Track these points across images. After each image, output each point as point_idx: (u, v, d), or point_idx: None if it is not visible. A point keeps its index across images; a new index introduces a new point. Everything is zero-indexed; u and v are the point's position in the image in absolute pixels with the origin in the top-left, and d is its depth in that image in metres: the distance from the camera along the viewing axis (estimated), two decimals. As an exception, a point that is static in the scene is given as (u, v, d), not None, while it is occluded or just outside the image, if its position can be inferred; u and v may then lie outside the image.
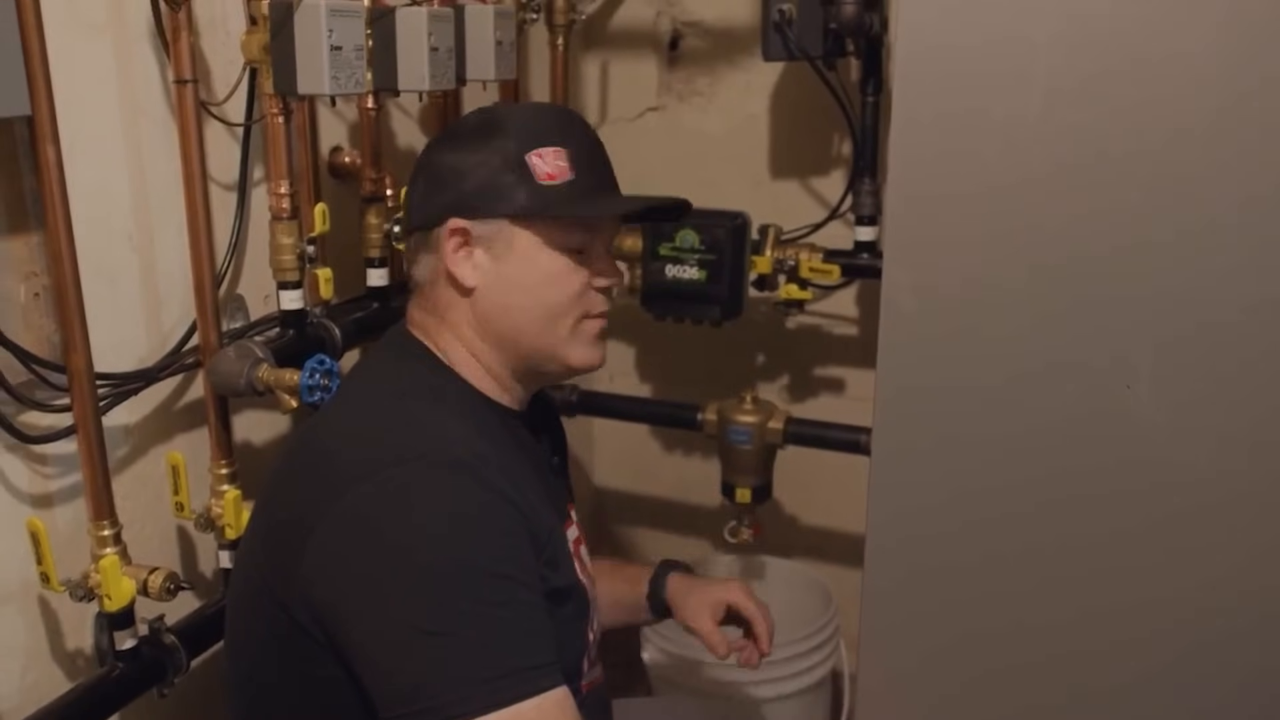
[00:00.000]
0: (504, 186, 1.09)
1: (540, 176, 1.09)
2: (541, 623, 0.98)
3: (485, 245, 1.10)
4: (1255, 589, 1.06)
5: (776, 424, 1.79)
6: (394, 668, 0.94)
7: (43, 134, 1.10)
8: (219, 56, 1.39)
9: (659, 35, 2.11)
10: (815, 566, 2.13)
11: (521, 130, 1.11)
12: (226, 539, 1.37)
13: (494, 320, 1.11)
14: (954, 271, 1.10)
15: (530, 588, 0.99)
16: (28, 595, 1.25)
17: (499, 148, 1.10)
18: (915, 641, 1.20)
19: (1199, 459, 1.05)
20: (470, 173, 1.10)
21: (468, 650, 0.93)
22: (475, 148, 1.11)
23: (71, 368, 1.18)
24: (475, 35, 1.53)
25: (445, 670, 0.92)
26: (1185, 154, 1.00)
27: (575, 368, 1.15)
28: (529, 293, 1.11)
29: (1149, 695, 1.12)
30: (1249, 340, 1.01)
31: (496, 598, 0.95)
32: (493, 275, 1.10)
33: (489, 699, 0.91)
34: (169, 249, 1.37)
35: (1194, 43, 0.97)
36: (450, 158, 1.12)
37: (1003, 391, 1.10)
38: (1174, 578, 1.08)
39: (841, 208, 1.90)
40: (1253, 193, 0.98)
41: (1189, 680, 1.10)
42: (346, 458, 1.02)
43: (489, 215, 1.09)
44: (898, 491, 1.17)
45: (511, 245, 1.09)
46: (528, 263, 1.10)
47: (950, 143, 1.07)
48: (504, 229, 1.09)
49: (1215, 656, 1.08)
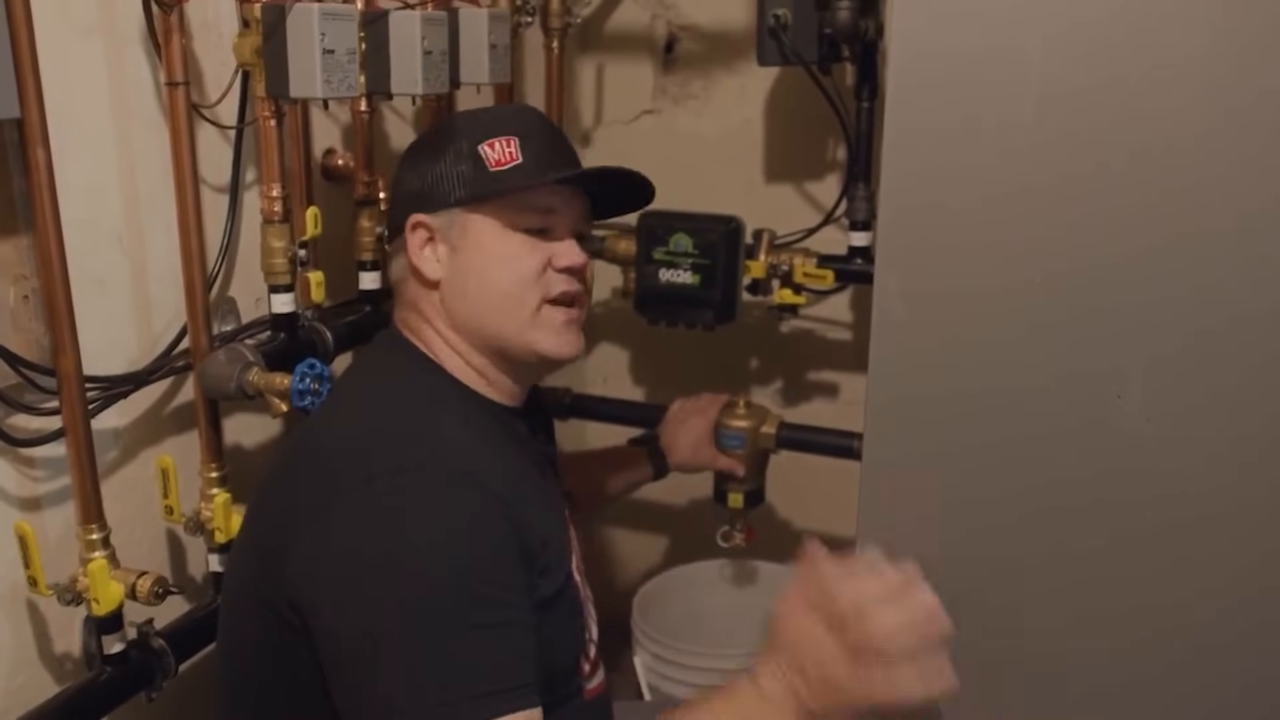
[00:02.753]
0: (455, 177, 1.13)
1: (491, 164, 1.12)
2: (522, 645, 0.96)
3: (443, 237, 1.13)
4: (1246, 598, 1.06)
5: (769, 429, 1.78)
6: (361, 679, 0.93)
7: (33, 136, 1.10)
8: (211, 59, 1.39)
9: (654, 39, 2.10)
10: (808, 571, 2.12)
11: (473, 126, 1.16)
12: (216, 543, 1.37)
13: (458, 311, 1.13)
14: (946, 279, 1.10)
15: (517, 607, 0.97)
16: (16, 599, 1.24)
17: (452, 145, 1.14)
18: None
19: (1189, 469, 1.05)
20: (427, 172, 1.14)
21: (440, 668, 0.91)
22: (432, 150, 1.16)
23: (61, 371, 1.17)
24: (469, 38, 1.53)
25: (417, 684, 0.91)
26: (1179, 164, 1.00)
27: (545, 355, 1.13)
28: (483, 276, 1.12)
29: (1138, 702, 1.12)
30: (1242, 351, 1.01)
31: (477, 618, 0.94)
32: (452, 265, 1.13)
33: (457, 715, 0.90)
34: (160, 251, 1.37)
35: (1189, 52, 0.97)
36: (410, 163, 1.18)
37: (993, 399, 1.10)
38: (1164, 586, 1.08)
39: (836, 213, 1.89)
40: (1247, 203, 0.98)
41: (1178, 687, 1.10)
42: (342, 464, 1.02)
43: (443, 206, 1.13)
44: (888, 498, 1.17)
45: (466, 232, 1.12)
46: (480, 248, 1.12)
47: (943, 151, 1.07)
48: (458, 217, 1.12)
49: (1206, 664, 1.08)
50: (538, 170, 1.13)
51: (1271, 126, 0.96)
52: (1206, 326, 1.01)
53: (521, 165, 1.12)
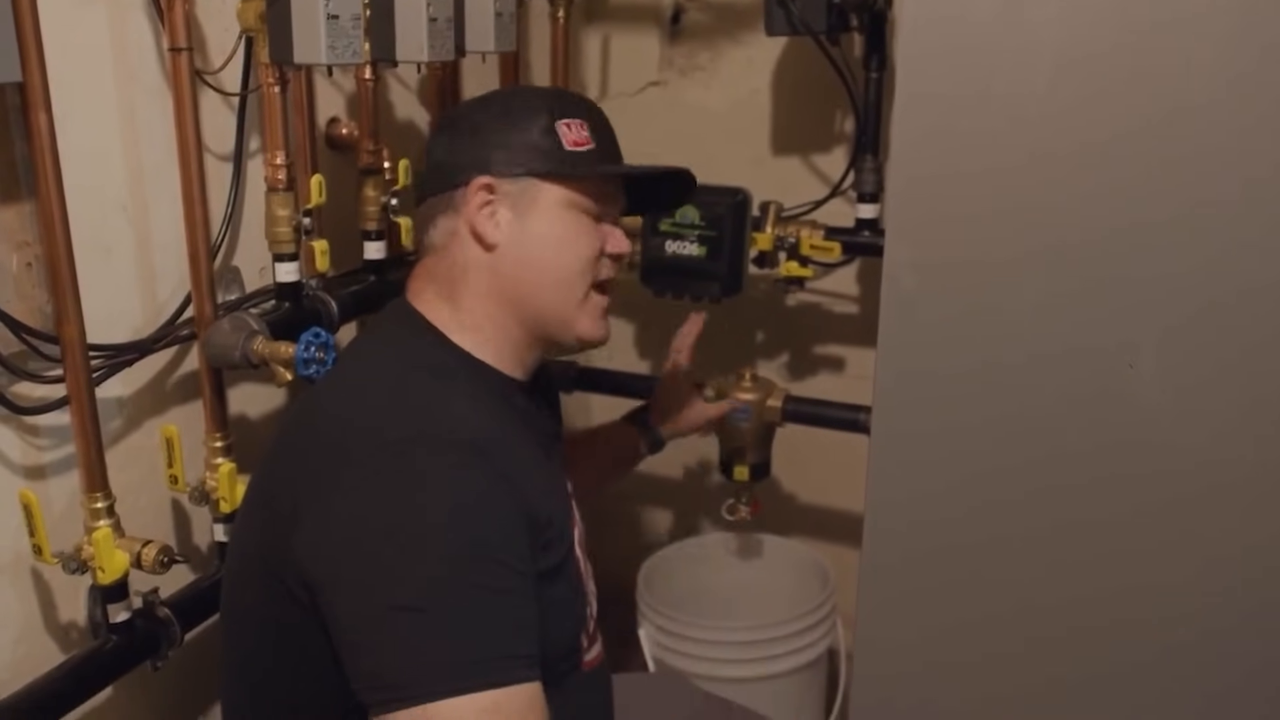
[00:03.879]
0: (534, 146, 1.12)
1: (567, 143, 1.12)
2: (526, 614, 0.97)
3: (510, 202, 1.11)
4: (1259, 574, 1.05)
5: (775, 402, 1.77)
6: (369, 645, 0.93)
7: (35, 101, 1.09)
8: (214, 24, 1.37)
9: (661, 9, 2.09)
10: (813, 545, 2.12)
11: (551, 101, 1.15)
12: (221, 512, 1.37)
13: (513, 279, 1.12)
14: (956, 250, 1.09)
15: (522, 576, 0.98)
16: (20, 567, 1.24)
17: (529, 113, 1.13)
18: (912, 621, 1.20)
19: (1203, 442, 1.04)
20: (501, 133, 1.13)
21: (445, 633, 0.92)
22: (504, 113, 1.14)
23: (64, 339, 1.17)
24: (474, 6, 1.51)
25: (419, 652, 0.91)
26: (1194, 131, 0.98)
27: (583, 338, 1.16)
28: (550, 248, 1.13)
29: (1149, 679, 1.11)
30: (1257, 323, 1.00)
31: (484, 583, 0.95)
32: (516, 232, 1.12)
33: (457, 684, 0.90)
34: (164, 219, 1.36)
35: (1204, 17, 0.96)
36: (479, 121, 1.15)
37: (1004, 373, 1.09)
38: (1175, 562, 1.07)
39: (843, 184, 1.88)
40: (1263, 171, 0.97)
41: (1189, 664, 1.09)
42: (348, 434, 1.02)
43: (517, 172, 1.11)
44: (897, 472, 1.16)
45: (537, 201, 1.12)
46: (551, 220, 1.12)
47: (954, 119, 1.05)
48: (531, 185, 1.11)
49: (1217, 641, 1.08)
50: (610, 158, 1.17)
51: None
52: (1225, 298, 1.00)
53: (595, 150, 1.14)
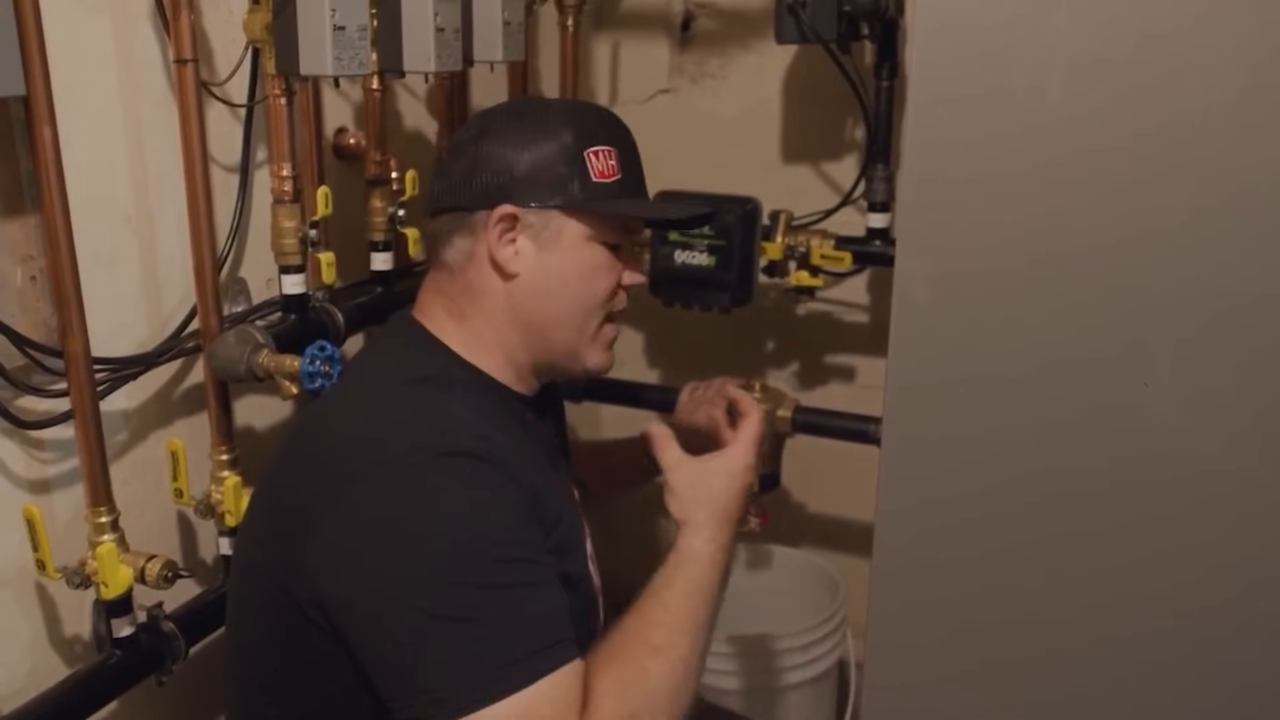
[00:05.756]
0: (561, 178, 1.10)
1: (594, 174, 1.11)
2: (555, 601, 0.98)
3: (532, 234, 1.10)
4: (1271, 584, 1.04)
5: (785, 412, 1.76)
6: (406, 660, 0.93)
7: (39, 114, 1.08)
8: (220, 35, 1.37)
9: (671, 16, 2.08)
10: (823, 556, 2.11)
11: (580, 127, 1.12)
12: (226, 526, 1.36)
13: (528, 310, 1.12)
14: (968, 260, 1.07)
15: (544, 565, 0.99)
16: (25, 582, 1.23)
17: (557, 140, 1.11)
18: (922, 632, 1.19)
19: (1216, 452, 1.02)
20: (527, 161, 1.10)
21: (481, 638, 0.92)
22: (531, 137, 1.11)
23: (69, 352, 1.16)
24: (483, 15, 1.51)
25: (457, 661, 0.91)
26: (1209, 138, 0.97)
27: (590, 371, 1.17)
28: (570, 283, 1.12)
29: (1160, 689, 1.10)
30: (1275, 331, 0.98)
31: (509, 581, 0.95)
32: (535, 264, 1.11)
33: (504, 686, 0.90)
34: (169, 232, 1.35)
35: (1217, 24, 0.94)
36: (504, 143, 1.12)
37: (1017, 384, 1.08)
38: (1187, 573, 1.06)
39: (854, 194, 1.87)
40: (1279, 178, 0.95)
41: (1200, 674, 1.08)
42: (355, 447, 1.01)
43: (542, 204, 1.10)
44: (907, 483, 1.15)
45: (560, 235, 1.11)
46: (573, 254, 1.11)
47: (966, 127, 1.04)
48: (555, 219, 1.10)
49: (1231, 650, 1.06)
50: (636, 188, 1.16)
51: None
52: (1244, 308, 0.98)
53: (621, 182, 1.13)
